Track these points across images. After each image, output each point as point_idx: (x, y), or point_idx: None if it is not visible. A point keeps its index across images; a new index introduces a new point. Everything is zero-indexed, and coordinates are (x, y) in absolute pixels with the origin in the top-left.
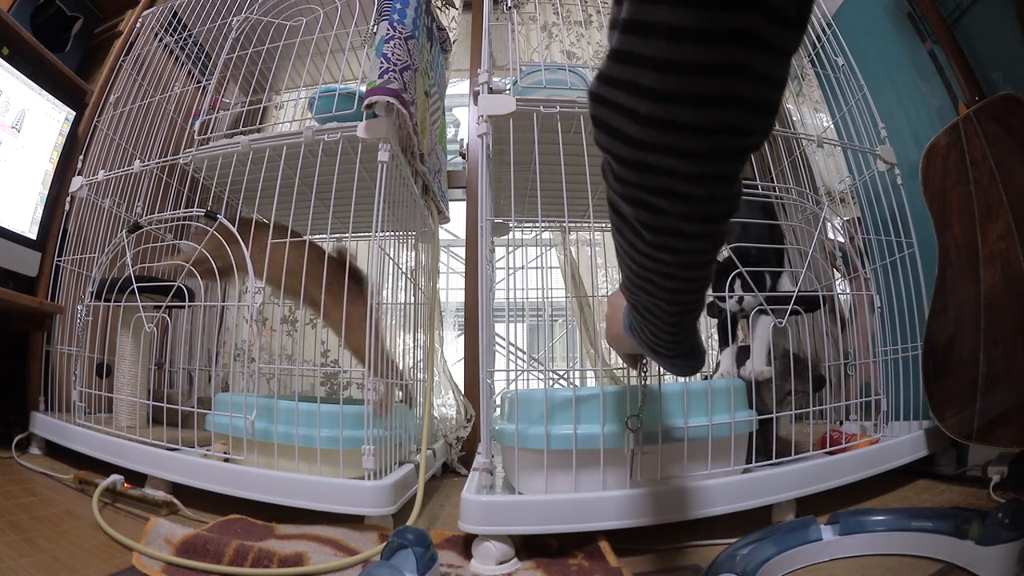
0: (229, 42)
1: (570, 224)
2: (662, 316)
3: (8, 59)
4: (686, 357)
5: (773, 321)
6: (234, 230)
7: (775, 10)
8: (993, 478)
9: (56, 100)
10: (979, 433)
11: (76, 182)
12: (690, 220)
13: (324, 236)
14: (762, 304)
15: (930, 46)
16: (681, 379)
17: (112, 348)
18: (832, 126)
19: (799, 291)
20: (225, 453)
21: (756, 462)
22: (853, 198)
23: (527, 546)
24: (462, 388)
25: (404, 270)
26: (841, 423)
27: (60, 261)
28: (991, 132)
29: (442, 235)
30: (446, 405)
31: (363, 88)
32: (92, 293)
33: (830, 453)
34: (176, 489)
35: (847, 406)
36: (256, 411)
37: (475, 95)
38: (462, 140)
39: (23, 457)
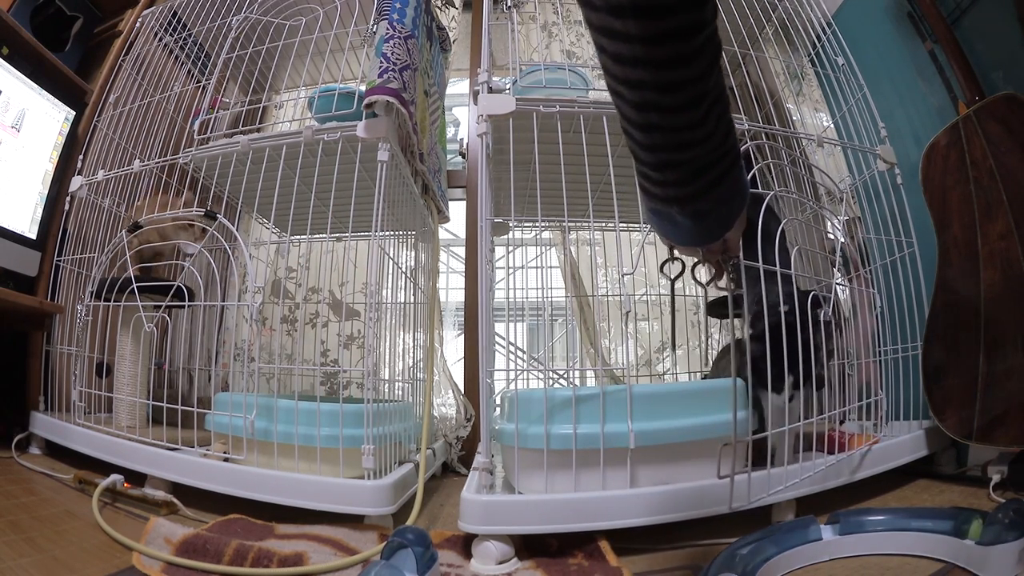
0: (229, 41)
1: (570, 224)
2: (630, 117)
3: (8, 59)
4: (680, 206)
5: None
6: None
7: None
8: (993, 478)
9: (56, 100)
10: (979, 433)
11: (76, 182)
12: None
13: (324, 236)
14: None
15: (930, 46)
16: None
17: (112, 348)
18: (832, 126)
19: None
20: (225, 453)
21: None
22: (853, 197)
23: (527, 546)
24: (462, 388)
25: (404, 270)
26: (841, 423)
27: (60, 261)
28: (991, 132)
29: (442, 234)
30: (446, 405)
31: (363, 87)
32: (92, 293)
33: (830, 453)
34: (176, 489)
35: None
36: (256, 410)
37: (475, 95)
38: (462, 140)
39: (23, 457)
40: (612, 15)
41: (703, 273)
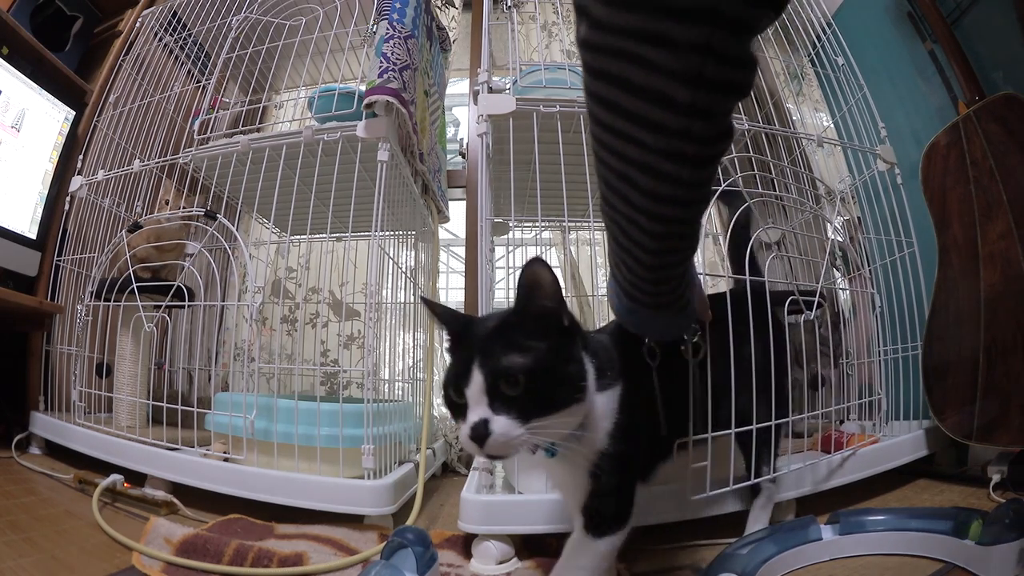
0: (229, 41)
1: (570, 224)
2: (640, 239)
3: (8, 59)
4: (668, 309)
5: None
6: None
7: None
8: (993, 478)
9: (56, 100)
10: (979, 433)
11: (76, 182)
12: (680, 80)
13: (324, 236)
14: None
15: (930, 46)
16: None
17: (112, 348)
18: (832, 126)
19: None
20: (225, 453)
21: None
22: (853, 198)
23: (527, 546)
24: None
25: (404, 269)
26: (841, 423)
27: (60, 261)
28: (991, 132)
29: (442, 234)
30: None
31: (363, 87)
32: (92, 293)
33: (829, 453)
34: (176, 489)
35: (847, 405)
36: (256, 410)
37: (475, 94)
38: (462, 140)
39: (23, 457)
40: (667, 159)
41: (688, 351)
